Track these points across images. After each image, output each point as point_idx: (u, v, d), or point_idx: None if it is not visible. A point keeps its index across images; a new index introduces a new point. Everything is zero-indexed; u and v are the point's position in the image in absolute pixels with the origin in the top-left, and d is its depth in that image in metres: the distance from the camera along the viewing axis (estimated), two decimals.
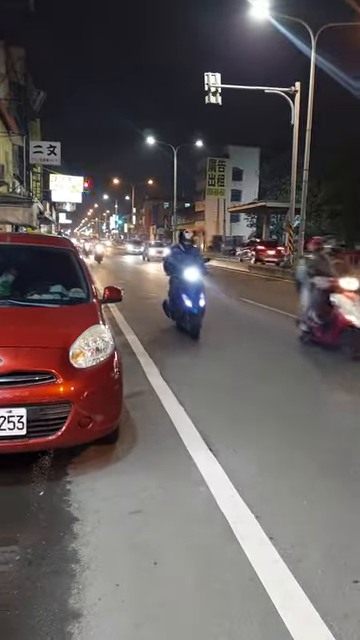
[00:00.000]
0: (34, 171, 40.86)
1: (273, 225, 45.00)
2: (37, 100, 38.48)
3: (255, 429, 4.37)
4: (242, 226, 58.91)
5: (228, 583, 2.42)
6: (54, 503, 3.10)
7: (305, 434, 4.29)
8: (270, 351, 7.55)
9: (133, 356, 6.60)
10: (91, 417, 3.42)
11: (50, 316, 4.01)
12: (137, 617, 2.21)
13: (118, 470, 3.54)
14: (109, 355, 3.68)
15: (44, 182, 46.35)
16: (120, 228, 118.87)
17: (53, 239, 6.00)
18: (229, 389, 5.54)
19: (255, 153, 62.77)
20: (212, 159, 60.30)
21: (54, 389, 3.32)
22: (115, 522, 2.92)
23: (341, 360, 6.73)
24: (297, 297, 8.15)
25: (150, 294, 14.21)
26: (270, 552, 2.64)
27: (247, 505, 3.08)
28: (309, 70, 21.30)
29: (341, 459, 3.80)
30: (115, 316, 9.68)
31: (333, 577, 2.47)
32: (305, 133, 22.02)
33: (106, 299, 4.64)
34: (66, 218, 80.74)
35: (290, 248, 24.63)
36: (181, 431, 4.18)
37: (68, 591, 2.35)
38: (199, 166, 67.55)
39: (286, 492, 3.29)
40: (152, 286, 17.19)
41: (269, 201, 39.45)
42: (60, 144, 32.43)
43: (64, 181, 47.17)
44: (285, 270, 22.64)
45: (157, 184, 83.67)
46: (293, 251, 24.21)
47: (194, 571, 2.52)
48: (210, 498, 3.16)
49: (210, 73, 22.14)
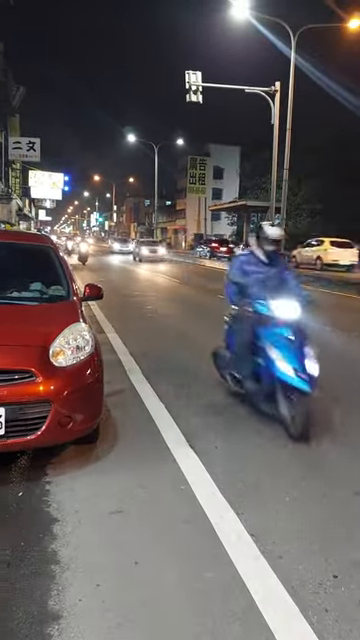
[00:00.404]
0: (13, 167, 40.37)
1: (254, 224, 45.17)
2: (16, 95, 38.00)
3: (238, 426, 4.37)
4: (223, 224, 59.05)
5: (209, 581, 2.42)
6: (33, 504, 3.06)
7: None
8: None
9: (114, 354, 6.59)
10: (71, 416, 3.38)
11: (30, 314, 3.96)
12: (118, 617, 2.19)
13: (98, 470, 3.51)
14: (89, 353, 3.64)
15: (23, 178, 45.84)
16: (101, 226, 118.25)
17: (33, 236, 5.93)
18: (211, 383, 5.53)
19: (236, 152, 62.94)
20: (193, 157, 60.42)
21: (33, 388, 3.27)
22: (95, 522, 2.90)
23: None
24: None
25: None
26: (251, 549, 2.65)
27: (228, 502, 3.09)
28: (289, 70, 21.45)
29: (323, 455, 3.82)
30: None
31: (314, 573, 2.48)
32: (285, 132, 22.16)
33: (87, 297, 4.59)
34: (46, 215, 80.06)
35: None
36: (162, 429, 4.17)
37: (48, 592, 2.33)
38: (180, 164, 67.52)
39: (268, 489, 3.31)
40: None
41: (250, 200, 39.64)
42: (40, 140, 32.15)
43: (44, 178, 46.77)
44: None
45: (138, 182, 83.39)
46: None
47: (175, 570, 2.51)
48: (191, 496, 3.15)
49: (191, 71, 22.14)
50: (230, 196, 59.43)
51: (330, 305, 12.14)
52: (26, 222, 46.99)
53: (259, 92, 22.94)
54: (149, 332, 8.60)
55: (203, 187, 59.14)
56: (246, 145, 53.73)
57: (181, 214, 71.60)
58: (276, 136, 22.96)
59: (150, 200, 69.19)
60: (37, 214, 68.24)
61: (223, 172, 67.06)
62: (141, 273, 23.65)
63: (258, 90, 22.97)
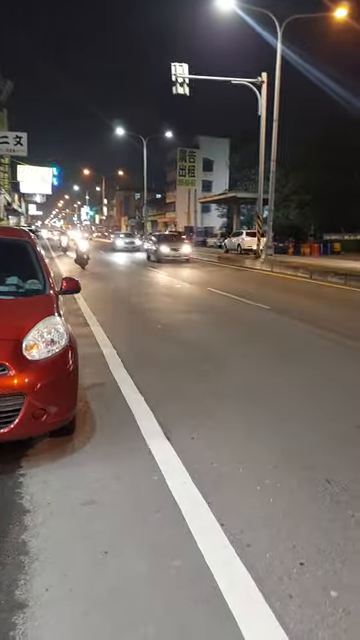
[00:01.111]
0: (1, 162, 40.09)
1: (244, 216, 45.23)
2: (3, 90, 37.73)
3: (216, 417, 4.39)
4: (213, 217, 59.04)
5: (176, 570, 2.44)
6: (5, 496, 3.07)
7: (267, 421, 4.33)
8: (237, 329, 7.59)
9: (96, 347, 6.57)
10: (45, 409, 3.39)
11: (4, 308, 3.95)
12: (85, 605, 2.21)
13: (73, 462, 3.52)
14: (64, 347, 3.64)
15: (12, 173, 45.53)
16: (91, 219, 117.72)
17: (9, 230, 5.89)
18: (192, 375, 5.55)
19: (225, 144, 62.86)
20: (182, 150, 60.21)
21: (6, 381, 3.27)
22: (67, 513, 2.91)
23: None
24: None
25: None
26: (220, 538, 2.67)
27: (200, 492, 3.11)
28: (276, 61, 21.37)
29: (300, 448, 3.86)
30: None
31: (280, 560, 2.51)
32: (272, 124, 22.11)
33: (64, 290, 4.58)
34: (36, 209, 79.69)
35: (259, 238, 24.75)
36: (140, 421, 4.19)
37: (15, 582, 2.34)
38: (169, 157, 67.35)
39: (240, 479, 3.33)
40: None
41: (239, 192, 39.65)
42: (27, 134, 31.85)
43: (33, 172, 46.51)
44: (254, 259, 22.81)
45: (128, 175, 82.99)
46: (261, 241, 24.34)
47: (144, 559, 2.53)
48: (164, 486, 3.17)
49: (177, 64, 22.00)
50: (220, 188, 59.41)
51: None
52: (16, 217, 46.77)
53: (246, 83, 22.85)
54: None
55: (193, 179, 58.98)
56: (235, 137, 53.67)
57: (171, 207, 71.49)
58: (263, 127, 22.90)
59: (140, 193, 68.92)
60: (27, 209, 67.92)
61: (213, 164, 66.99)
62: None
63: (245, 81, 22.88)
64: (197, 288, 14.50)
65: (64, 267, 20.49)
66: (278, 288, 15.04)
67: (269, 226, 23.49)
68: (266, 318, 9.61)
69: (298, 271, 18.50)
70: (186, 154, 60.97)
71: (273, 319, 9.51)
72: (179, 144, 60.24)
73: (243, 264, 23.35)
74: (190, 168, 59.91)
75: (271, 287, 15.32)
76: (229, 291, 12.99)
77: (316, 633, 2.06)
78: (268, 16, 20.96)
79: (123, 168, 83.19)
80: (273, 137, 22.13)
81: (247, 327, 8.81)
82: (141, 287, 14.73)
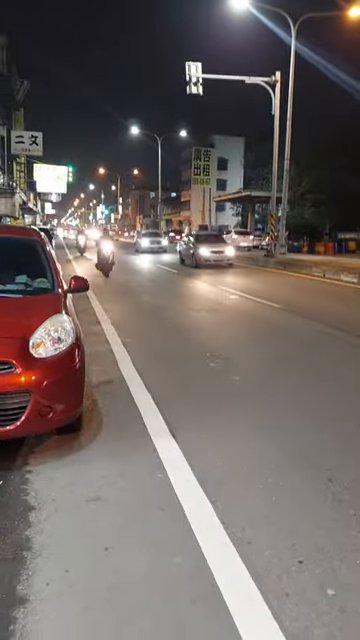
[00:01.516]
0: (18, 161, 40.46)
1: (258, 214, 45.09)
2: (20, 90, 38.00)
3: (222, 416, 4.40)
4: (228, 215, 58.95)
5: (177, 567, 2.47)
6: (11, 492, 3.12)
7: (272, 421, 4.34)
8: (246, 329, 7.58)
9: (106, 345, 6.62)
10: (51, 406, 3.43)
11: (12, 306, 4.01)
12: (85, 601, 2.25)
13: (79, 459, 3.57)
14: (70, 345, 3.69)
15: (28, 172, 45.90)
16: (107, 218, 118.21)
17: (20, 229, 5.97)
18: (200, 374, 5.57)
19: (240, 142, 62.72)
20: (197, 148, 60.10)
21: (13, 379, 3.33)
22: (71, 510, 2.95)
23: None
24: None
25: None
26: (221, 536, 2.69)
27: (203, 490, 3.13)
28: (290, 59, 21.26)
29: (305, 447, 3.86)
30: None
31: (279, 558, 2.52)
32: (286, 123, 22.01)
33: (72, 289, 4.63)
34: (52, 208, 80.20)
35: (272, 237, 24.67)
36: (146, 419, 4.22)
37: (17, 577, 2.39)
38: (184, 156, 67.33)
39: (244, 477, 3.34)
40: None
41: (254, 190, 39.52)
42: (42, 134, 32.19)
43: (48, 171, 46.84)
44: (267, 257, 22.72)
45: (143, 174, 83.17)
46: (275, 239, 24.25)
47: (145, 556, 2.56)
48: (168, 484, 3.20)
49: (191, 63, 21.98)
50: (234, 187, 59.21)
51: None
52: (31, 216, 47.14)
53: (260, 82, 22.77)
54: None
55: (207, 178, 58.79)
56: (250, 136, 53.53)
57: (185, 205, 71.47)
58: (277, 126, 22.81)
59: (155, 192, 69.02)
60: (43, 207, 68.39)
61: (227, 163, 66.83)
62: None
63: (259, 80, 22.80)
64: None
65: (82, 272, 15.22)
66: (291, 287, 14.95)
67: (282, 225, 23.39)
68: (279, 317, 9.59)
69: (312, 270, 18.36)
70: (201, 153, 60.85)
71: (285, 318, 9.48)
72: (194, 143, 60.18)
73: (257, 263, 23.27)
74: (205, 167, 59.75)
75: (284, 286, 15.23)
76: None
77: (312, 631, 2.07)
78: (282, 15, 20.85)
79: (138, 167, 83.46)
80: (287, 136, 22.02)
81: (258, 325, 8.80)
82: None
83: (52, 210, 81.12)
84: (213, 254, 20.55)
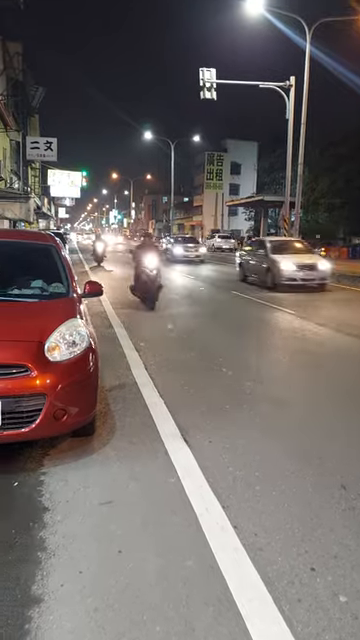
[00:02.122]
0: (32, 166, 40.91)
1: (271, 219, 45.02)
2: (36, 96, 38.46)
3: (234, 422, 4.42)
4: (240, 220, 58.92)
5: (188, 570, 2.49)
6: (27, 493, 3.17)
7: (285, 428, 4.35)
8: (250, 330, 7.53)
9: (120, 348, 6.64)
10: (66, 410, 3.48)
11: (28, 310, 4.06)
12: (96, 602, 2.28)
13: (93, 461, 3.61)
14: (85, 349, 3.73)
15: (43, 177, 46.34)
16: (119, 223, 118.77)
17: (35, 234, 6.04)
18: (212, 381, 5.59)
19: (253, 147, 62.71)
20: (210, 153, 60.33)
21: (29, 382, 3.37)
22: (85, 512, 2.99)
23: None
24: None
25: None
26: (232, 541, 2.71)
27: (215, 495, 3.15)
28: (305, 64, 21.26)
29: (317, 454, 3.86)
30: None
31: (292, 564, 2.53)
32: (301, 127, 21.99)
33: (87, 294, 4.69)
34: (65, 213, 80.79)
35: None
36: (159, 423, 4.25)
37: (32, 578, 2.42)
38: (197, 160, 67.47)
39: (256, 483, 3.35)
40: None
41: (267, 195, 39.49)
42: (57, 140, 32.44)
43: (62, 176, 47.22)
44: None
45: (156, 178, 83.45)
46: None
47: (157, 559, 2.58)
48: (180, 488, 3.22)
49: (205, 68, 22.06)
50: (247, 191, 59.23)
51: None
52: (45, 220, 47.51)
53: (274, 87, 22.79)
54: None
55: (220, 183, 59.05)
56: (264, 140, 53.49)
57: (198, 210, 71.57)
58: (291, 131, 22.79)
59: (168, 197, 69.27)
60: (57, 212, 68.93)
61: (240, 168, 66.86)
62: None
63: (272, 85, 22.82)
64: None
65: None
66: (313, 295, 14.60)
67: (296, 229, 23.33)
68: (291, 322, 9.56)
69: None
70: (214, 158, 61.09)
71: (297, 323, 9.45)
72: (207, 148, 60.39)
73: None
74: (218, 172, 59.99)
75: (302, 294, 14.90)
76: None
77: (323, 637, 2.08)
78: (297, 20, 20.87)
79: (152, 172, 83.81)
80: (301, 141, 21.99)
81: (269, 331, 8.79)
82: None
83: (66, 215, 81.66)
84: (301, 271, 13.95)
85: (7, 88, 28.72)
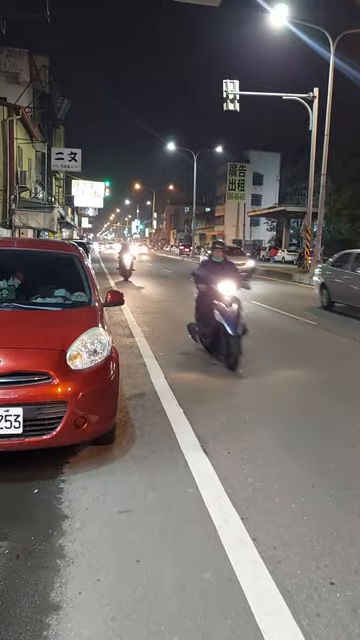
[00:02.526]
0: (57, 177, 41.54)
1: (293, 229, 44.86)
2: (61, 108, 39.18)
3: (253, 432, 4.40)
4: (262, 230, 58.84)
5: (206, 582, 2.48)
6: (47, 500, 3.20)
7: (305, 439, 4.31)
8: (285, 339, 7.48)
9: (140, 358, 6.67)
10: (86, 417, 3.51)
11: (51, 319, 4.12)
12: (114, 611, 2.28)
13: (112, 470, 3.62)
14: (106, 357, 3.77)
15: (67, 188, 47.03)
16: (141, 232, 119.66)
17: (59, 244, 6.14)
18: (230, 391, 5.57)
19: (276, 158, 62.75)
20: (233, 164, 60.50)
21: (50, 389, 3.42)
22: (103, 520, 3.00)
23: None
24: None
25: None
26: (251, 553, 2.69)
27: (234, 507, 3.13)
28: (328, 75, 21.26)
29: (338, 467, 3.81)
30: None
31: (311, 578, 2.50)
32: (323, 138, 21.94)
33: (108, 303, 4.74)
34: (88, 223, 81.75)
35: (307, 252, 24.49)
36: (178, 433, 4.25)
37: (51, 585, 2.44)
38: (219, 171, 67.74)
39: (276, 495, 3.33)
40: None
41: (289, 205, 39.42)
42: (81, 151, 32.92)
43: (86, 187, 47.87)
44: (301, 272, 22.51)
45: (178, 189, 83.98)
46: (309, 255, 24.07)
47: (175, 570, 2.57)
48: (199, 499, 3.22)
49: (228, 80, 22.22)
50: (269, 202, 59.15)
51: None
52: (68, 230, 48.11)
53: (297, 99, 22.82)
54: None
55: (242, 193, 59.10)
56: (287, 151, 53.52)
57: (219, 220, 71.71)
58: (314, 142, 22.76)
59: (190, 207, 69.59)
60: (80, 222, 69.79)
61: (263, 178, 66.88)
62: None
63: (296, 97, 22.86)
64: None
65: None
66: None
67: (318, 240, 23.20)
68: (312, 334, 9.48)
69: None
70: (236, 168, 61.23)
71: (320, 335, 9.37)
72: (229, 158, 60.58)
73: (291, 279, 23.13)
74: (240, 182, 60.07)
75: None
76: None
77: None
78: (320, 31, 20.90)
79: (173, 182, 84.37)
80: (324, 151, 21.94)
81: (292, 342, 8.73)
82: None
83: (89, 224, 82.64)
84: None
85: (33, 100, 29.29)
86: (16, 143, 23.55)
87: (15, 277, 4.73)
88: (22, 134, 25.04)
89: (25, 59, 29.21)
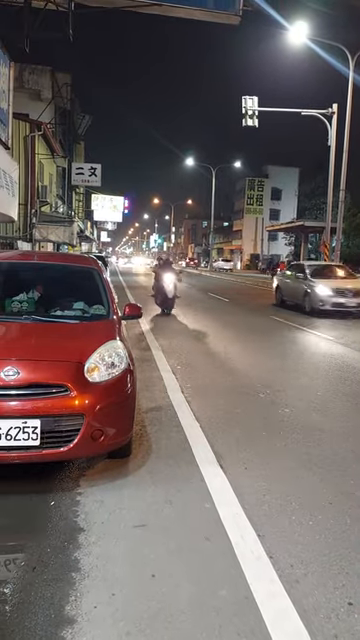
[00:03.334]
0: (77, 191, 42.11)
1: (312, 244, 44.69)
2: (82, 124, 39.84)
3: (270, 449, 4.36)
4: (280, 245, 58.79)
5: (222, 599, 2.45)
6: (63, 513, 3.20)
7: (324, 455, 4.26)
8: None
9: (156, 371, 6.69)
10: (103, 430, 3.51)
11: (69, 331, 4.16)
12: (128, 626, 2.27)
13: (128, 483, 3.62)
14: (123, 370, 3.78)
15: (86, 202, 47.64)
16: (159, 247, 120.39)
17: (78, 258, 6.21)
18: (248, 407, 5.54)
19: (295, 173, 62.86)
20: (251, 179, 60.74)
21: (68, 402, 3.44)
22: (119, 534, 2.99)
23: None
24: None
25: None
26: (268, 571, 2.66)
27: (251, 523, 3.10)
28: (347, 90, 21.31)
29: (355, 485, 3.76)
30: None
31: (329, 598, 2.46)
32: (342, 153, 21.95)
33: (126, 316, 4.77)
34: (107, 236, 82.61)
35: None
36: (195, 447, 4.23)
37: (66, 598, 2.44)
38: (238, 186, 68.01)
39: (293, 512, 3.29)
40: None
41: (308, 220, 39.32)
42: (100, 166, 33.32)
43: (105, 201, 48.43)
44: None
45: (196, 203, 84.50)
46: None
47: (190, 586, 2.55)
48: (215, 515, 3.19)
49: (247, 97, 22.44)
50: (288, 216, 59.14)
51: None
52: (87, 243, 48.63)
53: (316, 114, 22.90)
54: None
55: (260, 208, 59.25)
56: (305, 166, 53.59)
57: (237, 235, 71.83)
58: (333, 157, 22.77)
59: (208, 221, 69.95)
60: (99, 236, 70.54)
61: (281, 193, 66.95)
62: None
63: (314, 112, 22.93)
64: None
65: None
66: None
67: (337, 255, 23.09)
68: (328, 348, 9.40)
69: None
70: (255, 183, 61.44)
71: (332, 348, 9.29)
72: (248, 173, 60.87)
73: None
74: (258, 197, 60.23)
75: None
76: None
77: None
78: (339, 47, 21.02)
79: (192, 197, 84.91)
80: (343, 166, 21.92)
81: (306, 356, 8.67)
82: None
83: (108, 238, 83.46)
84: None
85: (55, 116, 29.85)
86: (37, 158, 23.96)
87: (35, 290, 4.79)
88: (43, 149, 25.50)
89: (48, 76, 29.81)
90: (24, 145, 23.06)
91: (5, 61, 12.91)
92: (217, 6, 13.34)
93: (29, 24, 12.10)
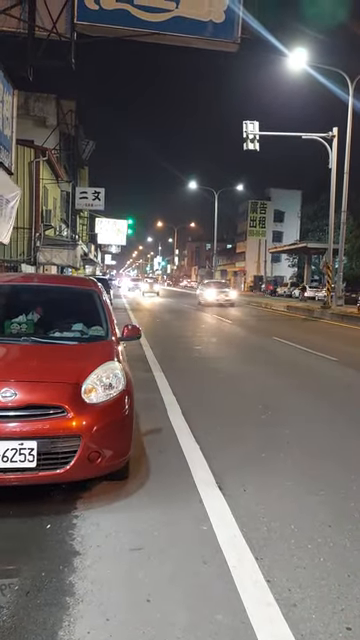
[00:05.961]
0: (81, 215, 42.58)
1: (315, 265, 44.88)
2: (86, 149, 40.50)
3: (270, 471, 4.32)
4: (283, 266, 59.06)
5: (218, 624, 2.40)
6: (59, 536, 3.16)
7: (324, 477, 4.21)
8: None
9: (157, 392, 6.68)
10: (100, 452, 3.49)
11: (67, 353, 4.17)
12: None
13: (126, 506, 3.58)
14: (120, 391, 3.78)
15: (90, 225, 48.12)
16: (163, 269, 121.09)
17: (79, 280, 6.27)
18: (248, 427, 5.51)
19: (297, 195, 63.49)
20: (254, 202, 61.34)
21: (65, 423, 3.43)
22: (115, 558, 2.95)
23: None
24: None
25: None
26: (265, 595, 2.61)
27: (249, 546, 3.06)
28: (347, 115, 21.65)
29: (354, 507, 3.71)
30: None
31: (326, 623, 2.41)
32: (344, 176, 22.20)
33: (125, 337, 4.78)
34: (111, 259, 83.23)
35: (329, 288, 24.39)
36: (193, 470, 4.19)
37: (59, 623, 2.39)
38: (240, 208, 68.64)
39: (292, 535, 3.24)
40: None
41: (311, 242, 39.57)
42: (104, 190, 33.72)
43: (109, 224, 48.89)
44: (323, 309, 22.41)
45: (200, 226, 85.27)
46: (331, 291, 23.96)
47: (186, 610, 2.51)
48: (212, 537, 3.15)
49: (248, 121, 22.83)
50: (290, 238, 59.57)
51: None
52: (91, 266, 48.96)
53: (316, 138, 23.22)
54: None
55: (263, 230, 59.67)
56: (307, 188, 54.16)
57: (241, 257, 72.22)
58: (334, 179, 23.01)
59: (211, 243, 70.39)
60: (103, 259, 71.07)
61: (284, 215, 67.50)
62: None
63: (315, 136, 23.27)
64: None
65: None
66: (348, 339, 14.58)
67: (340, 277, 23.16)
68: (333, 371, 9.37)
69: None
70: (257, 206, 62.03)
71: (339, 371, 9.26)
72: (250, 196, 61.47)
73: (312, 314, 23.00)
74: (261, 219, 60.73)
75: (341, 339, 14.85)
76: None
77: None
78: (339, 73, 21.42)
79: (195, 219, 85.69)
80: (344, 188, 22.14)
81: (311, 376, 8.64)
82: None
83: (112, 261, 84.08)
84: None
85: (60, 142, 30.36)
86: (42, 183, 24.30)
87: (34, 312, 4.82)
88: (48, 174, 25.88)
89: (53, 104, 30.40)
90: (29, 170, 23.42)
91: (9, 89, 13.21)
92: (215, 34, 13.63)
93: (32, 53, 12.39)
